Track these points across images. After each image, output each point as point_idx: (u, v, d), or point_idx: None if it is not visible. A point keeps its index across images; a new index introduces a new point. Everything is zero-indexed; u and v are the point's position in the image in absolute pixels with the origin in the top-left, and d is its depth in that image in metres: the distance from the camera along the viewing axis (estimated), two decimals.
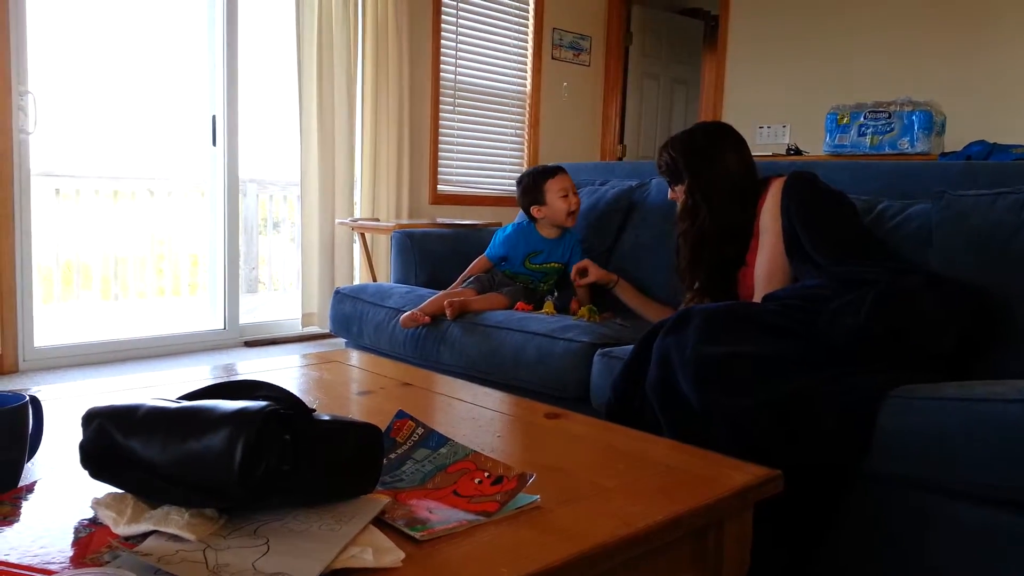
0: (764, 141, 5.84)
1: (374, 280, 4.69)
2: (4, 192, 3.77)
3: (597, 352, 2.23)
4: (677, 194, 2.31)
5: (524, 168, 5.89)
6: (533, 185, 2.80)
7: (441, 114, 5.57)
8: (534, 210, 2.79)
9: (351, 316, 2.94)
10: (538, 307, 2.73)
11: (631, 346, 2.02)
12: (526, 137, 6.11)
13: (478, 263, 2.88)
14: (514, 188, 2.83)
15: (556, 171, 2.77)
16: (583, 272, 2.65)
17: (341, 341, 3.22)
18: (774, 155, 4.93)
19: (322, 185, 4.79)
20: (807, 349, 1.71)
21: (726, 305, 1.83)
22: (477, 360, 2.50)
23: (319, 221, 4.81)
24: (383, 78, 5.01)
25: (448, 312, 2.56)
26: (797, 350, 1.71)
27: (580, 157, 6.41)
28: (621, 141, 6.77)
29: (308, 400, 1.59)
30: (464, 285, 2.77)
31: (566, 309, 2.71)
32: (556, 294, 2.71)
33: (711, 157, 2.22)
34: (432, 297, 2.68)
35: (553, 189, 2.75)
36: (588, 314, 2.46)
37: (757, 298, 2.08)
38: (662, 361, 1.75)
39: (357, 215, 5.01)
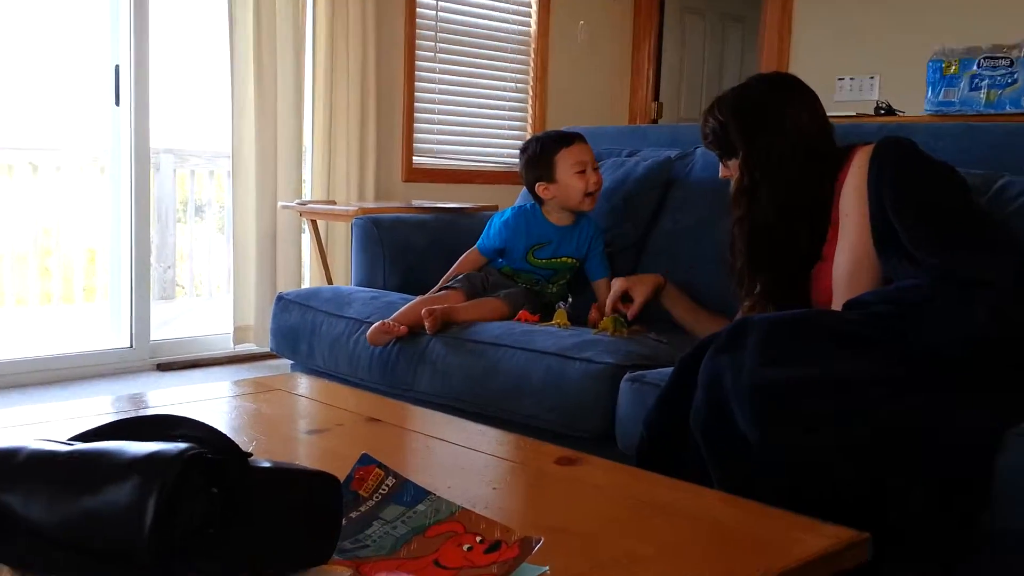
0: (845, 98, 5.85)
1: (329, 282, 4.69)
2: None
3: (625, 376, 2.24)
4: (730, 170, 2.33)
5: (528, 135, 5.88)
6: (540, 155, 2.82)
7: (418, 63, 5.57)
8: (540, 188, 2.82)
9: (299, 330, 2.98)
10: (546, 317, 2.74)
11: (670, 369, 2.02)
12: (530, 93, 6.11)
13: (467, 258, 2.91)
14: (515, 160, 2.92)
15: (571, 139, 2.80)
16: (625, 297, 2.67)
17: (286, 363, 3.11)
18: (858, 116, 4.92)
19: (260, 157, 4.78)
20: (902, 372, 1.74)
21: (795, 313, 1.87)
22: (466, 387, 2.52)
23: (256, 205, 4.81)
24: (341, 15, 5.01)
25: (428, 324, 2.56)
26: (889, 373, 1.73)
27: (602, 120, 6.35)
28: (656, 98, 6.74)
29: (242, 441, 1.57)
30: (448, 286, 2.79)
31: (583, 320, 2.73)
32: (570, 300, 2.71)
33: (772, 119, 2.25)
34: (407, 304, 2.69)
35: (567, 162, 2.78)
36: (613, 326, 2.47)
37: (837, 304, 2.09)
38: (711, 388, 1.77)
39: (307, 196, 5.01)
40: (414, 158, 5.59)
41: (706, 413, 1.77)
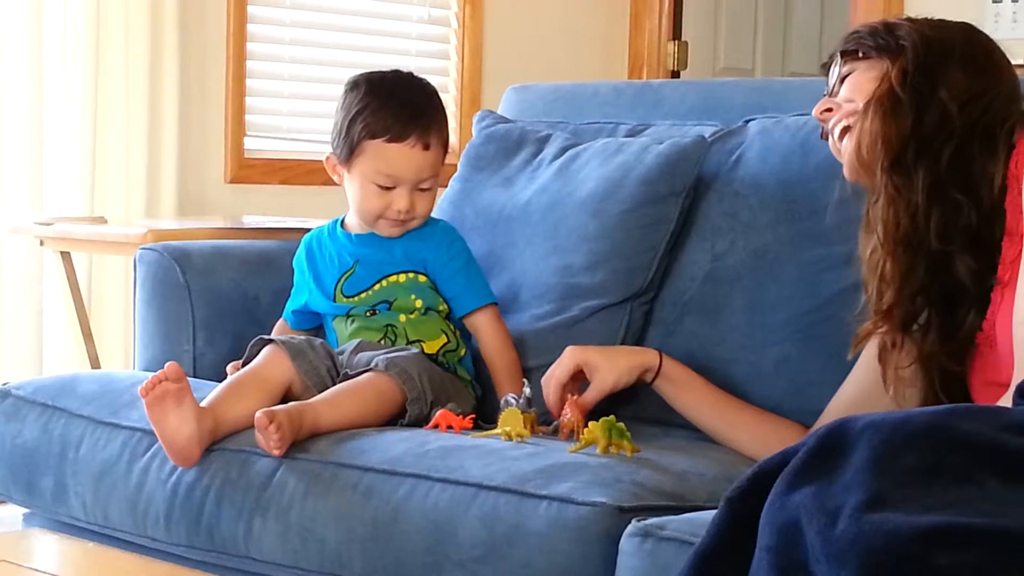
0: (1005, 34, 5.48)
1: (95, 363, 4.17)
2: None
3: (630, 526, 1.93)
4: (845, 96, 2.16)
5: (451, 99, 5.30)
6: (348, 121, 2.56)
7: None
8: (328, 163, 2.63)
9: (39, 453, 2.61)
10: (483, 418, 2.46)
11: (704, 513, 1.83)
12: (454, 28, 5.37)
13: (277, 328, 2.72)
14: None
15: (408, 128, 2.53)
16: (580, 383, 2.45)
17: (15, 512, 2.92)
18: None
19: None
20: None
21: (933, 413, 1.58)
22: (344, 553, 2.16)
23: None
24: None
25: (272, 439, 2.22)
26: None
27: (581, 72, 5.54)
28: (676, 35, 5.97)
29: None
30: (259, 357, 2.49)
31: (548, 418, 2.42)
32: (528, 389, 2.38)
33: (993, 64, 2.14)
34: (220, 390, 2.41)
35: (372, 163, 2.53)
36: (607, 437, 2.19)
37: (1020, 367, 1.96)
38: (783, 547, 1.50)
39: (52, 212, 4.36)
40: (247, 144, 4.83)
41: None
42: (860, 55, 2.14)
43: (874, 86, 2.09)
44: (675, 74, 5.81)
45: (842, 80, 2.17)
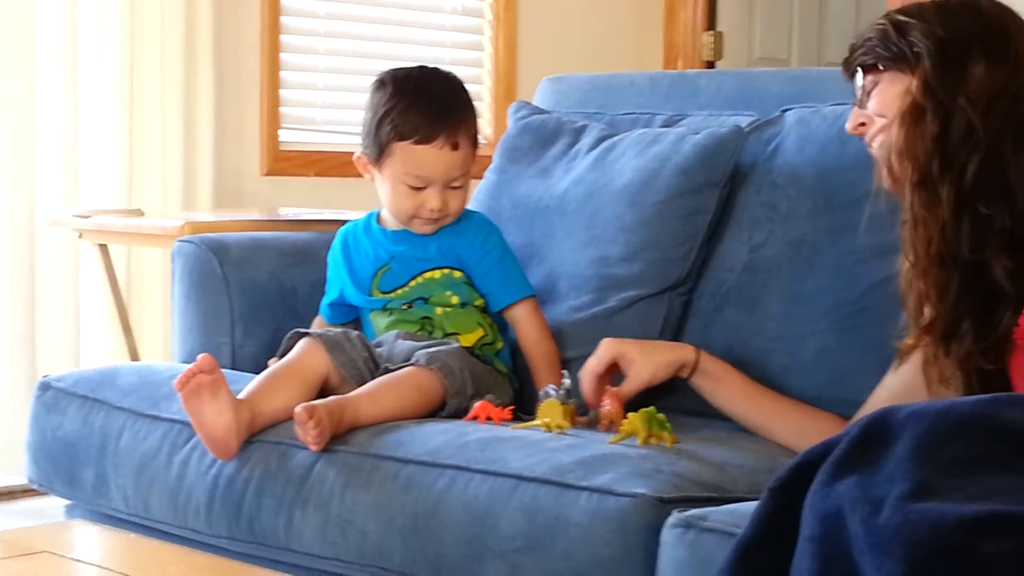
0: None
1: (134, 355, 4.16)
2: None
3: (671, 516, 1.93)
4: (872, 112, 2.16)
5: (482, 91, 5.35)
6: (378, 121, 2.56)
7: None
8: (359, 162, 2.64)
9: (80, 444, 2.63)
10: (523, 410, 2.44)
11: (745, 504, 1.84)
12: (488, 20, 5.42)
13: (315, 325, 2.73)
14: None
15: (436, 129, 2.53)
16: (615, 376, 2.45)
17: (56, 504, 2.89)
18: None
19: (8, 141, 4.20)
20: None
21: (977, 402, 1.59)
22: (384, 545, 2.18)
23: (2, 220, 4.21)
24: None
25: (308, 432, 2.21)
26: None
27: (615, 62, 5.58)
28: (711, 26, 6.03)
29: None
30: (296, 350, 2.49)
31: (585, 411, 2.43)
32: (567, 380, 2.37)
33: (1014, 51, 2.10)
34: (257, 383, 2.41)
35: (402, 164, 2.53)
36: (647, 428, 2.21)
37: None
38: (826, 537, 1.51)
39: (89, 205, 4.36)
40: (282, 136, 4.90)
41: (818, 574, 1.51)
42: (881, 68, 2.15)
43: (901, 101, 2.10)
44: (710, 65, 5.85)
45: (868, 92, 2.18)
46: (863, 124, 2.17)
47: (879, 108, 2.14)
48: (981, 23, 2.12)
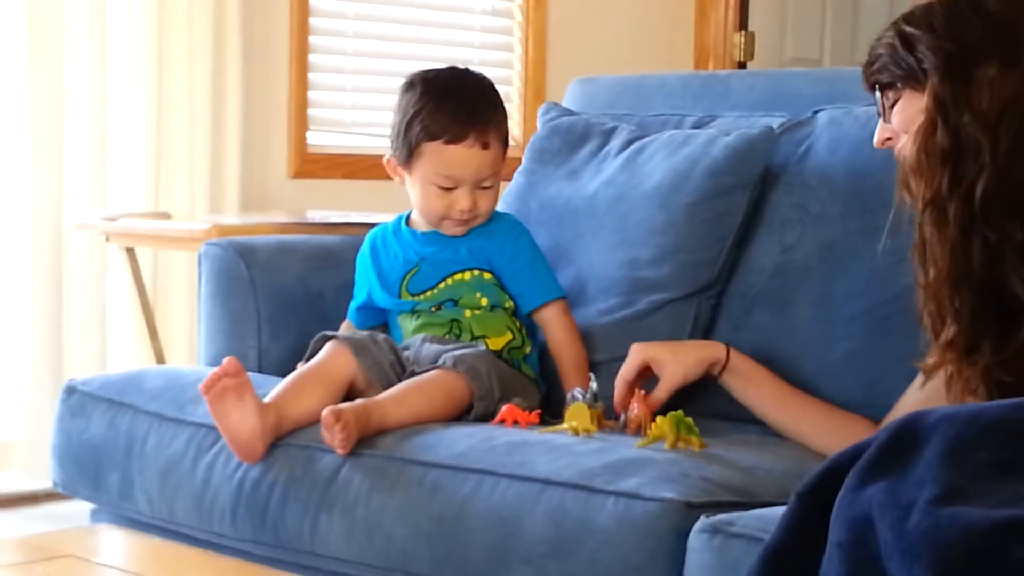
0: None
1: (160, 359, 4.19)
2: None
3: (699, 520, 1.94)
4: (897, 127, 2.14)
5: (513, 93, 5.34)
6: (407, 123, 2.56)
7: None
8: (389, 165, 2.64)
9: (105, 448, 2.65)
10: (550, 413, 2.47)
11: (780, 507, 1.76)
12: (518, 21, 5.41)
13: (343, 329, 2.72)
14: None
15: (466, 128, 2.54)
16: (646, 379, 2.44)
17: (82, 508, 2.90)
18: None
19: (36, 144, 4.20)
20: None
21: (1005, 406, 1.59)
22: (410, 549, 2.19)
23: (30, 222, 4.21)
24: None
25: (335, 436, 2.22)
26: None
27: (647, 63, 5.49)
28: (743, 26, 6.03)
29: None
30: (322, 353, 2.49)
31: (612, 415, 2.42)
32: (594, 384, 2.37)
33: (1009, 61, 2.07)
34: (283, 386, 2.41)
35: (431, 164, 2.54)
36: (675, 431, 2.22)
37: None
38: (856, 542, 1.51)
39: (116, 208, 4.36)
40: (310, 139, 4.91)
41: None
42: (899, 86, 2.15)
43: (922, 117, 2.09)
44: (742, 65, 5.84)
45: (890, 107, 2.17)
46: (889, 139, 2.17)
47: (903, 125, 2.14)
48: (989, 26, 2.09)
